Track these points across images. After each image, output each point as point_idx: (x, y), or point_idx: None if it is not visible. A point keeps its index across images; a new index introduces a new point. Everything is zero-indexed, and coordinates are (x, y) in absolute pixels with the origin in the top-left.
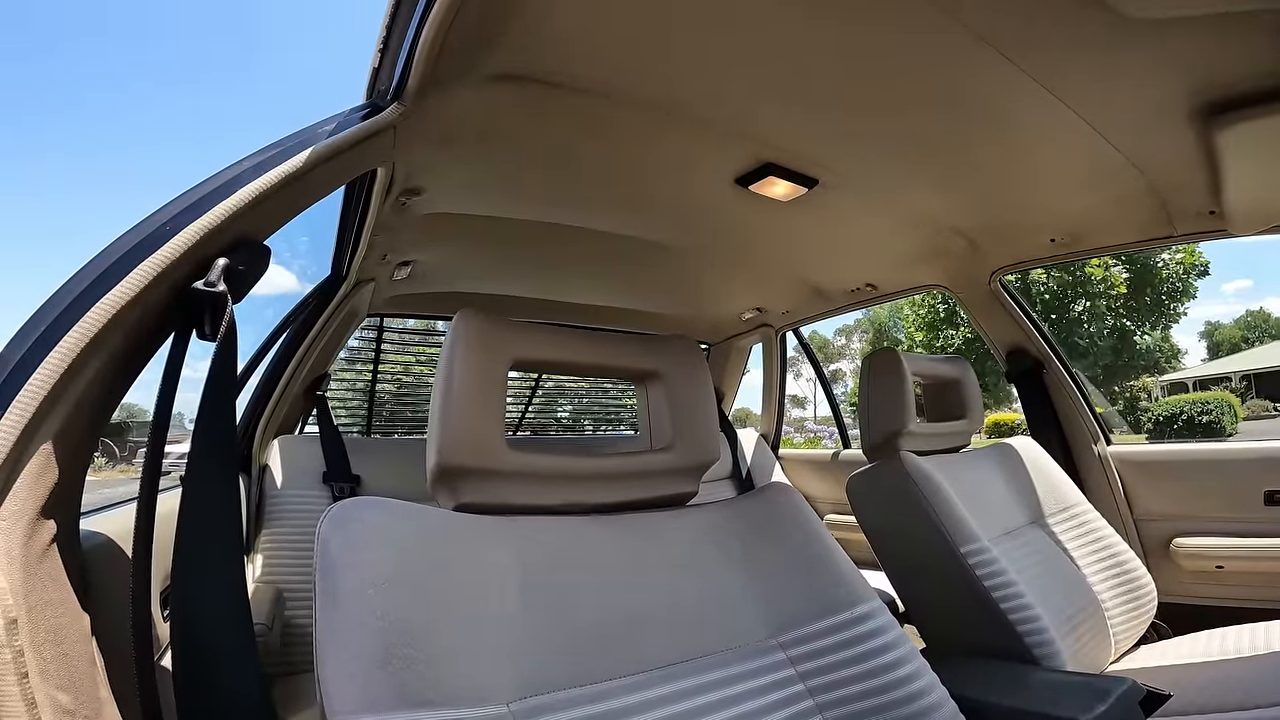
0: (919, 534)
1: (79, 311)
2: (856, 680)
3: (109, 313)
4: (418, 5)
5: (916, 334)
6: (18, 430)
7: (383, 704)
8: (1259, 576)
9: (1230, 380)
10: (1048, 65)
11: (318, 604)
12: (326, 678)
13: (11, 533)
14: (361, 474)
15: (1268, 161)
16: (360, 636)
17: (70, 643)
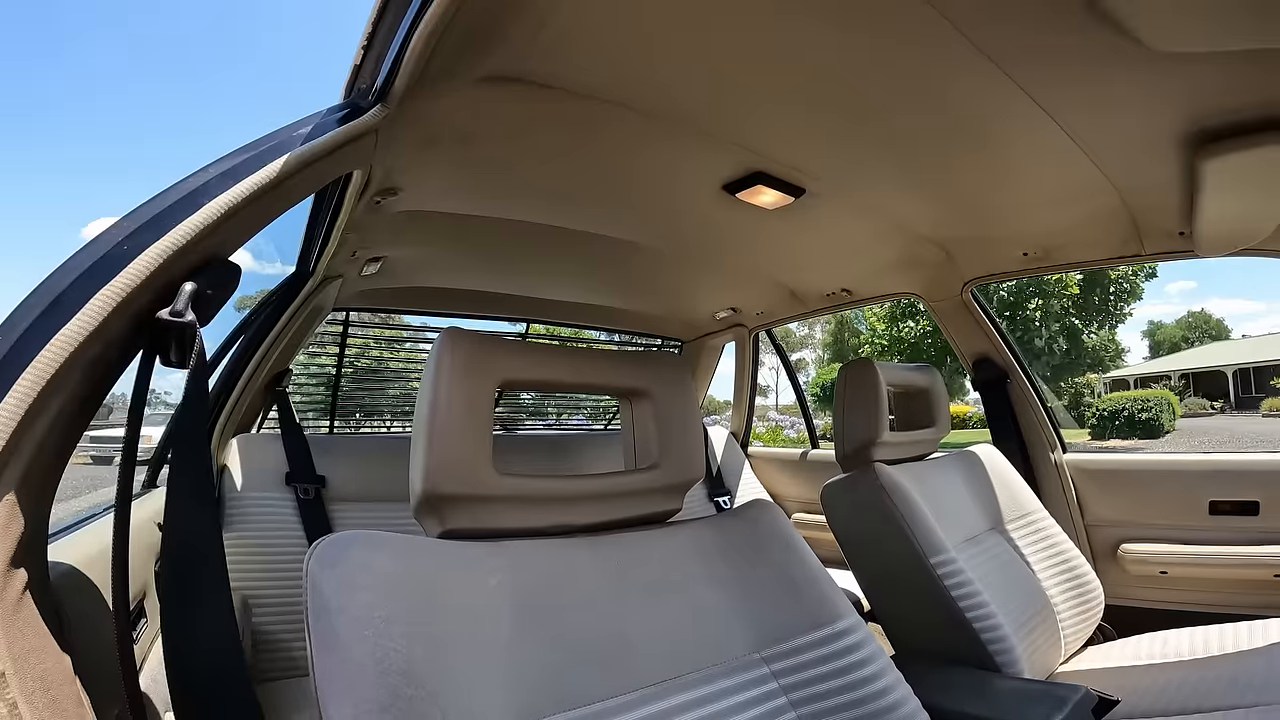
0: (890, 543)
1: (32, 349)
2: (837, 693)
3: (66, 350)
4: (410, 6)
5: (878, 325)
6: None
7: None
8: (1201, 582)
9: (1170, 379)
10: (1047, 83)
11: (313, 646)
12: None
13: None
14: (327, 474)
15: (1244, 191)
16: (362, 680)
17: (57, 686)
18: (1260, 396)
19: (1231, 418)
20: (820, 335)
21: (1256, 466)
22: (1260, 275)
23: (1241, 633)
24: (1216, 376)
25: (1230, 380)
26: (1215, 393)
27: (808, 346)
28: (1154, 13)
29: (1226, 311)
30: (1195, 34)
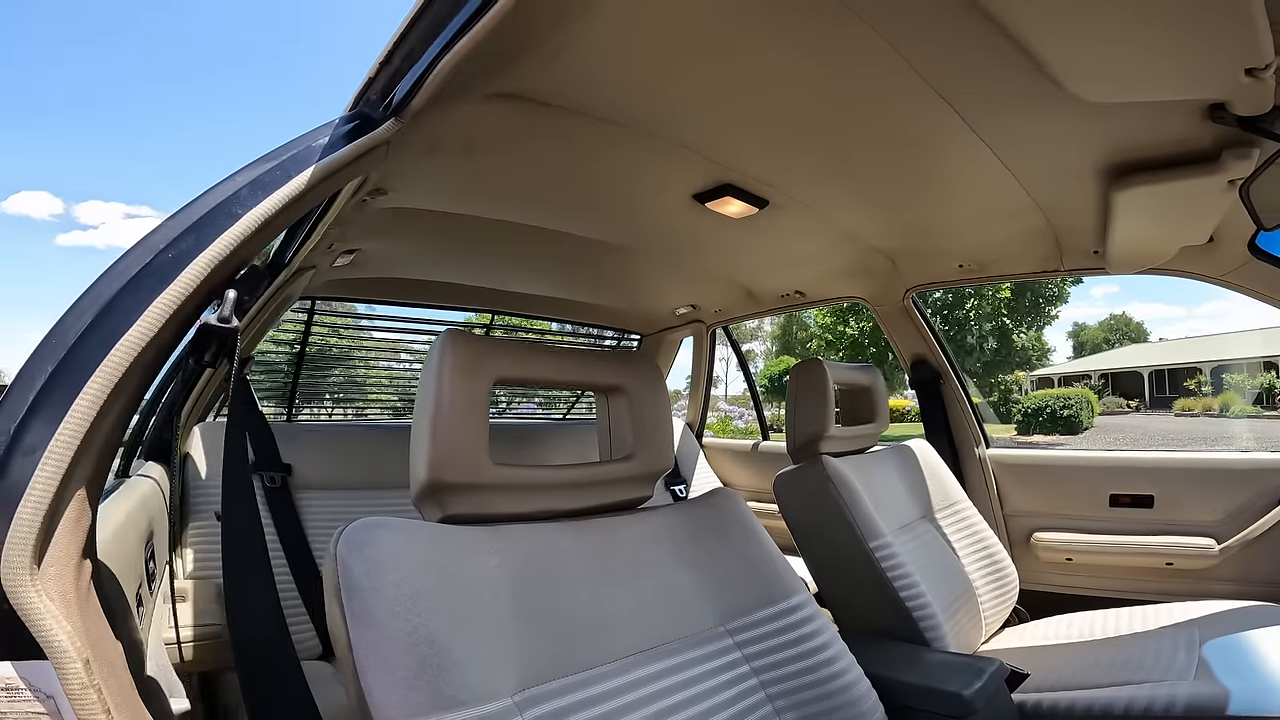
0: (835, 529)
1: (97, 354)
2: (793, 661)
3: (130, 355)
4: (444, 30)
5: (824, 320)
6: (57, 479)
7: (424, 709)
8: (1101, 569)
9: (1091, 378)
10: (988, 118)
11: (349, 623)
12: (371, 689)
13: (63, 578)
14: (292, 462)
15: (1147, 218)
16: (397, 652)
17: (119, 672)
18: (1174, 397)
19: (1146, 416)
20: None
21: (1152, 463)
22: (1179, 282)
23: (1136, 617)
24: (1134, 377)
25: (1146, 381)
26: (1132, 392)
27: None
28: (1086, 71)
29: (1146, 315)
30: (1119, 89)
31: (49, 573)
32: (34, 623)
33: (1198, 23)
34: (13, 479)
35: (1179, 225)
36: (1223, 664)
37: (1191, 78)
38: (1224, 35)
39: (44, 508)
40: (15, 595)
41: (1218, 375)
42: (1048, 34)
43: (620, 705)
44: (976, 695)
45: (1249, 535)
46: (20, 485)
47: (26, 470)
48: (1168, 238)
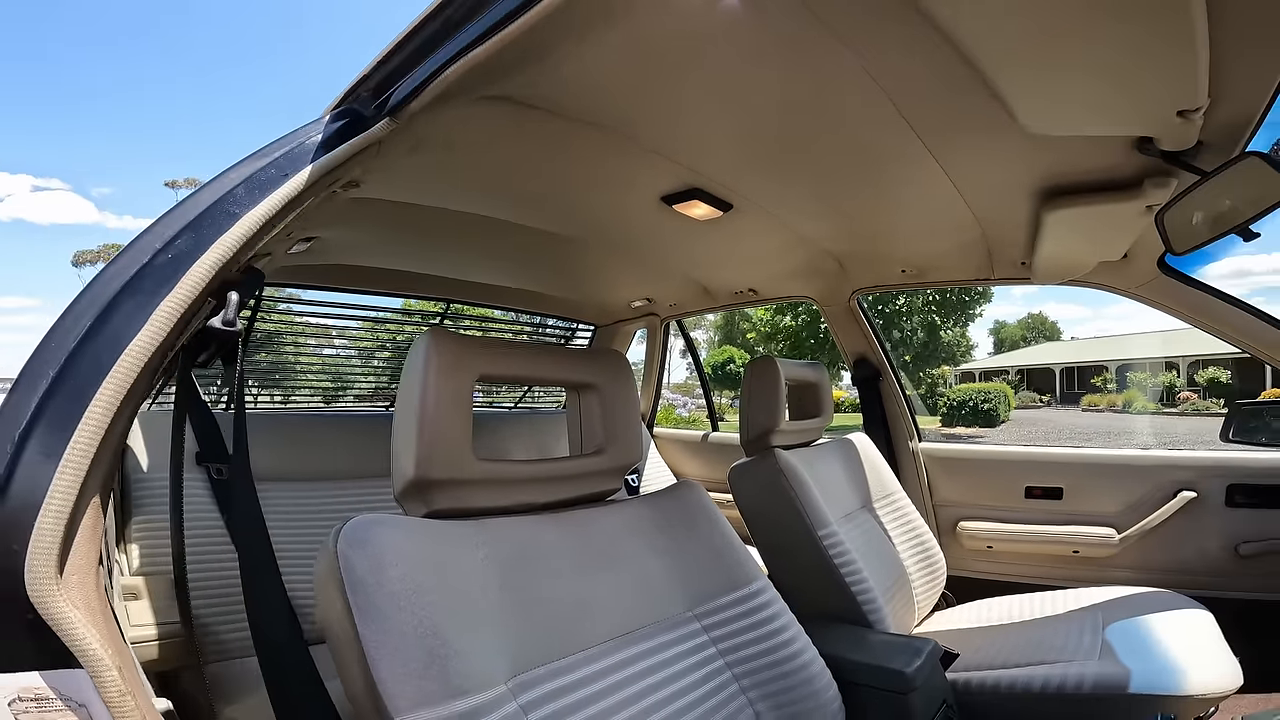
0: (786, 519)
1: (105, 359)
2: (755, 643)
3: (141, 360)
4: (456, 37)
5: (764, 314)
6: (76, 487)
7: (435, 697)
8: (1019, 555)
9: (1009, 373)
10: (943, 140)
11: (357, 619)
12: (384, 680)
13: (85, 585)
14: None
15: (1071, 236)
16: (406, 644)
17: (133, 674)
18: (1082, 393)
19: (1056, 411)
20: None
21: (1062, 458)
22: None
23: (1048, 601)
24: (1047, 373)
25: (1057, 377)
26: (1045, 387)
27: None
28: (1037, 106)
29: (1060, 315)
30: (1064, 124)
31: (71, 581)
32: (66, 631)
33: (1144, 69)
34: (29, 487)
35: (1099, 243)
36: (1124, 646)
37: (1129, 116)
38: (1165, 80)
39: (65, 516)
40: (44, 605)
41: (1122, 374)
42: (1009, 71)
43: (603, 687)
44: (917, 672)
45: (1146, 526)
46: (38, 494)
47: (44, 478)
48: (1088, 253)
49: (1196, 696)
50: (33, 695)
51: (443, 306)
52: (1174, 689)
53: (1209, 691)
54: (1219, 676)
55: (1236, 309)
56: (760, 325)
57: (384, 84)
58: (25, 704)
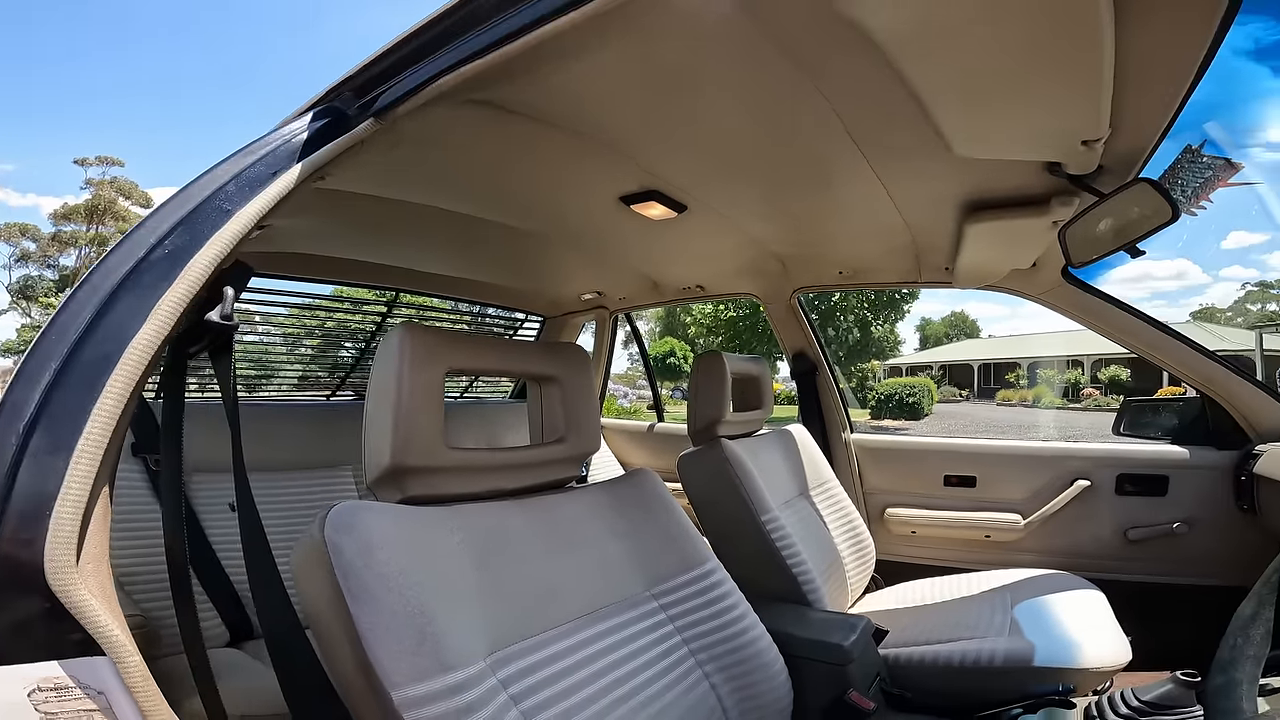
0: (732, 505)
1: (111, 351)
2: (709, 620)
3: (150, 350)
4: (454, 46)
5: (704, 307)
6: (91, 476)
7: (428, 673)
8: (938, 540)
9: (932, 369)
10: (884, 158)
11: (349, 602)
12: (380, 659)
13: (100, 574)
14: None
15: (987, 246)
16: (398, 624)
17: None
18: (997, 387)
19: (974, 404)
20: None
21: (976, 449)
22: None
23: (964, 582)
24: (966, 369)
25: (976, 372)
26: (964, 382)
27: (641, 319)
28: (969, 135)
29: (980, 314)
30: (988, 150)
31: (87, 569)
32: (88, 619)
33: (1057, 105)
34: (40, 479)
35: (1011, 253)
36: (1029, 623)
37: (1042, 144)
38: (1076, 115)
39: (82, 505)
40: (66, 593)
41: (1032, 370)
42: (945, 103)
43: (574, 662)
44: (854, 646)
45: (1047, 512)
46: (51, 485)
47: (56, 470)
48: (1002, 262)
49: (1092, 670)
50: (52, 685)
51: (391, 296)
52: (1073, 662)
53: (1103, 665)
54: (1112, 653)
55: (1128, 315)
56: (702, 318)
57: (369, 85)
58: (45, 694)
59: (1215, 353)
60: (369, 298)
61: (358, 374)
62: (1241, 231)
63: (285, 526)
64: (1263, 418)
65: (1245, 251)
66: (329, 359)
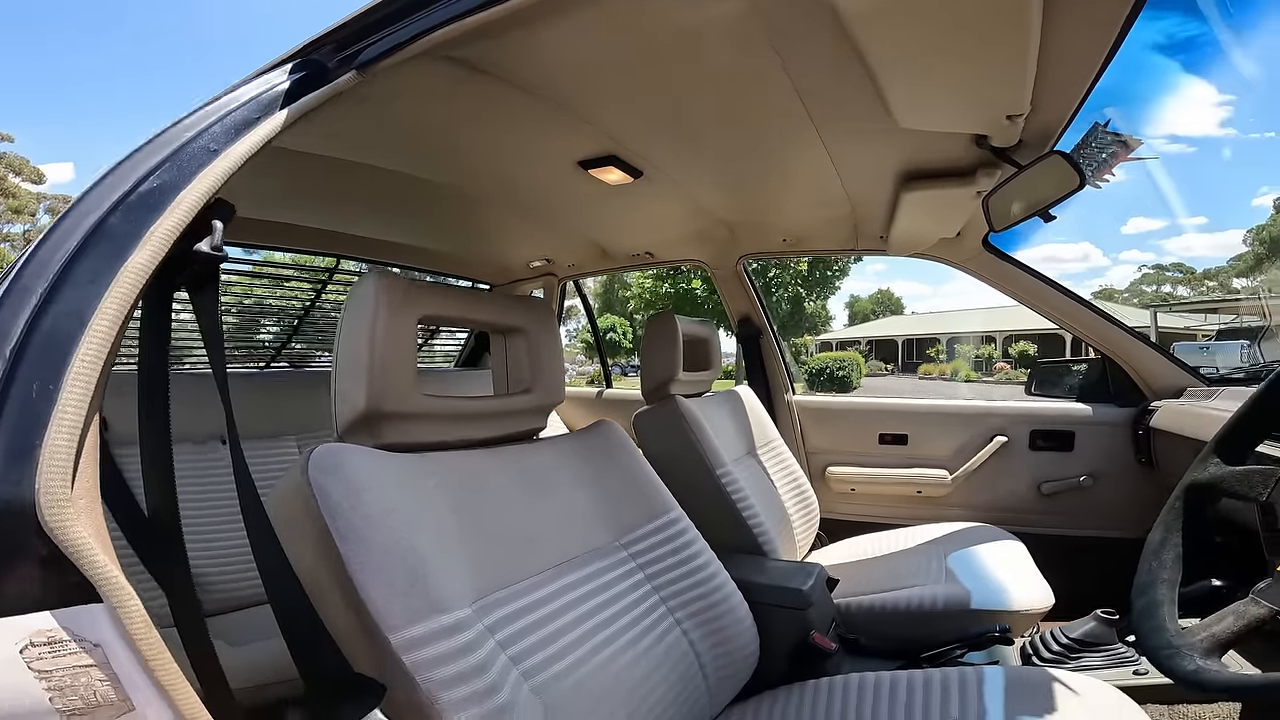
0: (687, 460)
1: (104, 275)
2: (676, 567)
3: (142, 277)
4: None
5: (644, 280)
6: (85, 403)
7: (421, 614)
8: (875, 497)
9: (860, 343)
10: (833, 129)
11: (340, 543)
12: (374, 600)
13: (94, 511)
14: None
15: (918, 214)
16: (390, 563)
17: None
18: (920, 362)
19: (899, 378)
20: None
21: (907, 408)
22: (930, 267)
23: (901, 536)
24: (891, 344)
25: (900, 348)
26: (889, 357)
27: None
28: (910, 105)
29: (904, 292)
30: (925, 121)
31: (80, 505)
32: (86, 559)
33: (988, 82)
34: (28, 407)
35: (940, 221)
36: (962, 571)
37: (973, 118)
38: (1003, 91)
39: (77, 433)
40: (63, 530)
41: (951, 345)
42: (895, 77)
43: (553, 610)
44: (812, 590)
45: (970, 467)
46: (42, 413)
47: (47, 397)
48: (931, 230)
49: (1022, 612)
50: (45, 638)
51: (332, 262)
52: (1005, 605)
53: (1031, 608)
54: (1038, 597)
55: (1039, 281)
56: (642, 293)
57: (351, 39)
58: (38, 649)
59: (1114, 318)
60: (309, 264)
61: (295, 344)
62: (1140, 218)
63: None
64: (1157, 376)
65: (1143, 237)
66: (262, 328)
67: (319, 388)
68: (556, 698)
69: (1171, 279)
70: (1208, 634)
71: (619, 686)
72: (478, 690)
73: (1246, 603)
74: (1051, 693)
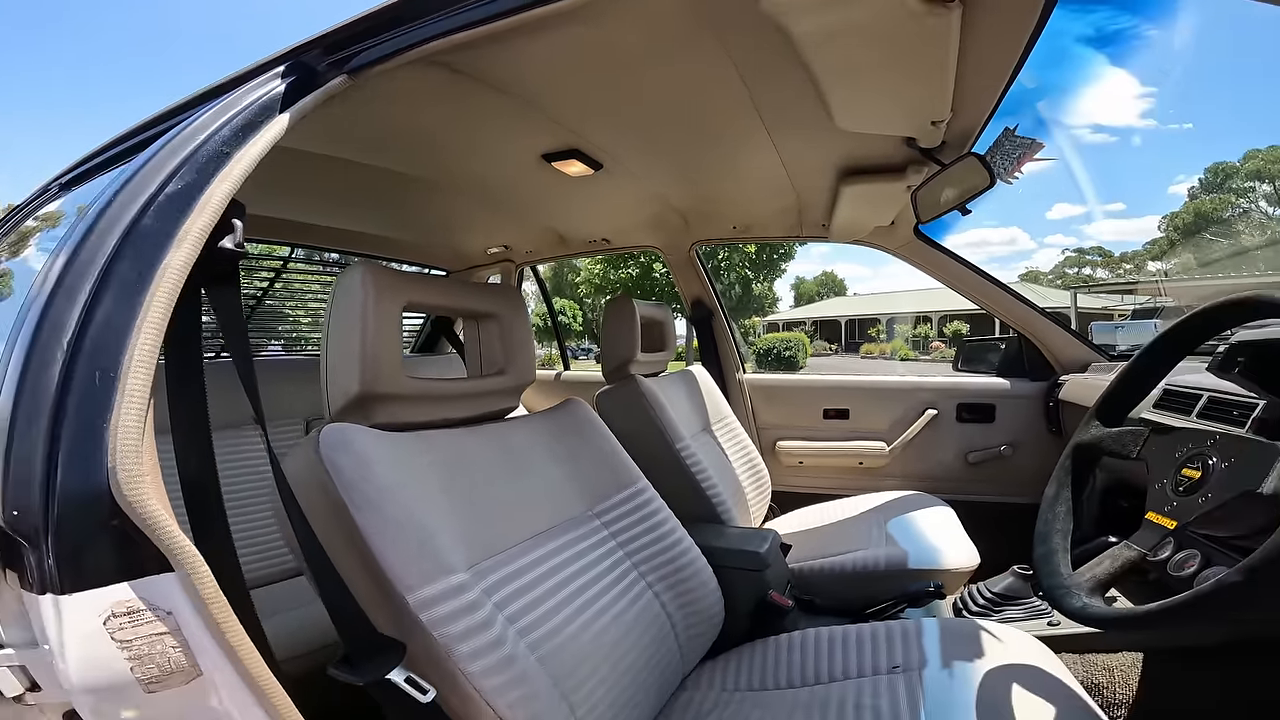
0: (648, 436)
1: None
2: (645, 534)
3: (183, 275)
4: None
5: (594, 266)
6: (148, 384)
7: (433, 575)
8: (821, 469)
9: (805, 324)
10: (781, 128)
11: (355, 513)
12: (392, 564)
13: (158, 485)
14: None
15: (857, 205)
16: (403, 532)
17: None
18: (861, 341)
19: (842, 358)
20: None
21: (848, 384)
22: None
23: (845, 505)
24: (835, 324)
25: (843, 328)
26: (833, 337)
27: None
28: (849, 111)
29: (847, 274)
30: (862, 125)
31: (147, 481)
32: (163, 530)
33: (914, 92)
34: (92, 391)
35: (876, 211)
36: (900, 535)
37: (902, 122)
38: (928, 100)
39: (144, 412)
40: (141, 504)
41: (891, 325)
42: (835, 84)
43: (537, 576)
44: (768, 553)
45: (905, 439)
46: (107, 395)
47: (112, 379)
48: (868, 219)
49: (953, 570)
50: (125, 609)
51: (288, 252)
52: (939, 564)
53: (961, 567)
54: (967, 557)
55: (963, 267)
56: (592, 278)
57: (342, 43)
58: (119, 619)
59: (1028, 300)
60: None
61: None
62: (1064, 204)
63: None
64: (1065, 352)
65: (1067, 222)
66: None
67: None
68: (546, 654)
69: (1091, 262)
70: (1090, 575)
71: (599, 647)
72: (486, 642)
73: (1121, 547)
74: (980, 641)
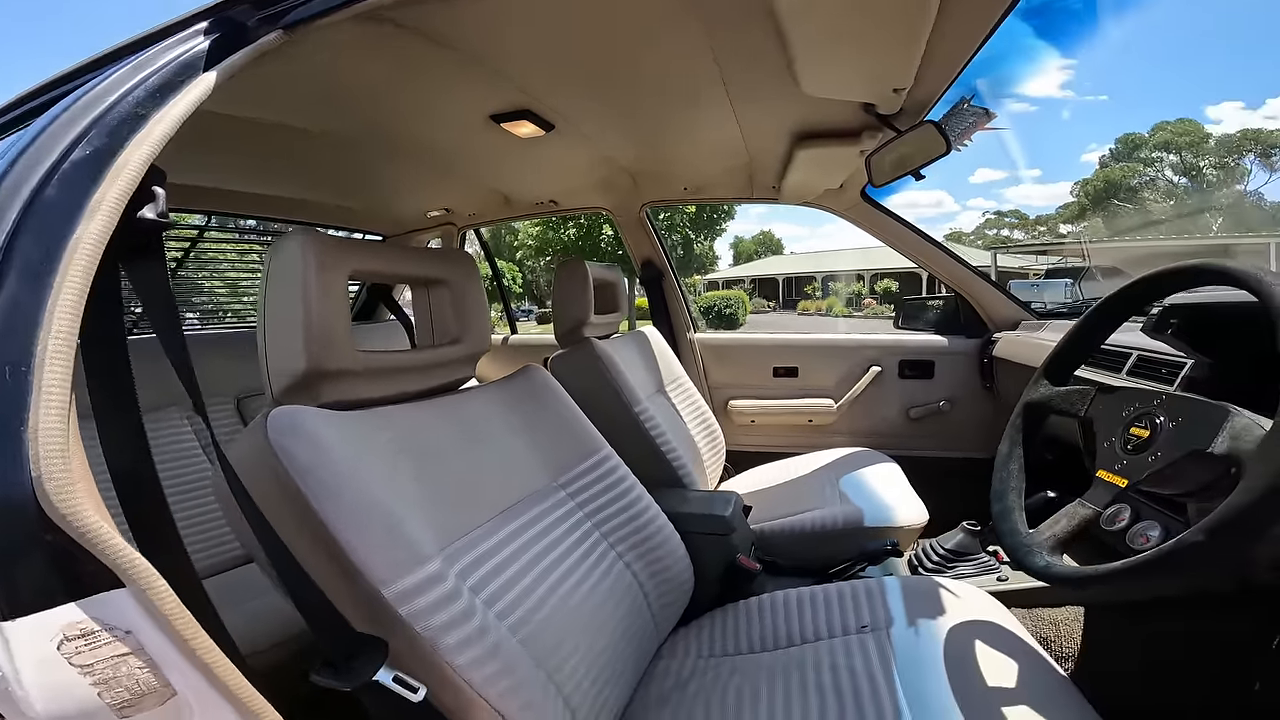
0: (605, 399)
1: (56, 247)
2: (612, 503)
3: (98, 249)
4: None
5: (532, 229)
6: (68, 381)
7: (405, 565)
8: (772, 428)
9: (744, 282)
10: (742, 90)
11: (315, 502)
12: (361, 556)
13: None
14: None
15: (809, 169)
16: (368, 518)
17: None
18: (799, 299)
19: (780, 314)
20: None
21: (796, 343)
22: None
23: (799, 463)
24: (773, 282)
25: (781, 286)
26: (771, 295)
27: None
28: (813, 75)
29: (784, 234)
30: (825, 90)
31: (79, 488)
32: (104, 543)
33: (884, 59)
34: (10, 383)
35: (827, 174)
36: (854, 493)
37: (864, 89)
38: (894, 67)
39: (65, 411)
40: (77, 516)
41: (826, 283)
42: (807, 51)
43: (508, 554)
44: (733, 516)
45: (851, 396)
46: (24, 391)
47: (24, 375)
48: (819, 182)
49: (906, 527)
50: (78, 631)
51: (205, 221)
52: (893, 521)
53: (913, 523)
54: (917, 513)
55: (905, 228)
56: (530, 240)
57: None
58: (74, 643)
59: (964, 260)
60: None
61: None
62: (986, 168)
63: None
64: (998, 311)
65: (988, 186)
66: None
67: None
68: (526, 637)
69: (1009, 224)
70: (1050, 534)
71: (576, 624)
72: (471, 632)
73: (1076, 505)
74: (939, 598)
